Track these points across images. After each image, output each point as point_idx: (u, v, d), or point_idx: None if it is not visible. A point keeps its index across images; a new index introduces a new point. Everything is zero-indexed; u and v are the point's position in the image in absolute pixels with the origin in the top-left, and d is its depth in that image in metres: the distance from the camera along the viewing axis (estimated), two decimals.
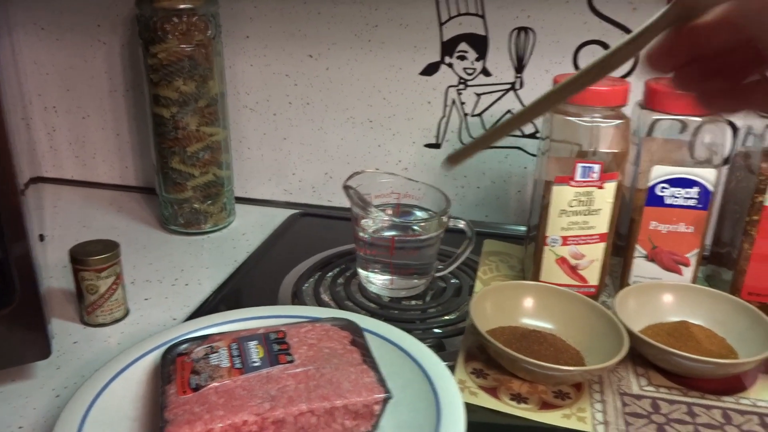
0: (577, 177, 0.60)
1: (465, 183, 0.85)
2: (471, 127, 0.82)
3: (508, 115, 0.37)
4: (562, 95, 0.35)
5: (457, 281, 0.70)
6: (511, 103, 0.80)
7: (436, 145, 0.84)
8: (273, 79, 0.85)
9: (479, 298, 0.57)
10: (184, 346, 0.49)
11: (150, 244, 0.79)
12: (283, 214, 0.87)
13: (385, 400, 0.44)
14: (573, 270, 0.64)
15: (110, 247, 0.60)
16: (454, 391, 0.46)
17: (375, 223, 0.63)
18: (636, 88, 0.62)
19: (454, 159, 0.42)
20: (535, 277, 0.65)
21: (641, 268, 0.64)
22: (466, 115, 0.82)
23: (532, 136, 0.80)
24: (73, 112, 0.94)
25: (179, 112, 0.75)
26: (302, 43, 0.83)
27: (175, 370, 0.46)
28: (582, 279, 0.64)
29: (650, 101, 0.62)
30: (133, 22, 0.86)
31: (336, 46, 0.82)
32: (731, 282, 0.64)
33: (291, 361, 0.46)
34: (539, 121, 0.73)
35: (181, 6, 0.72)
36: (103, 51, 0.89)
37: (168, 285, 0.69)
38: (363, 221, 0.63)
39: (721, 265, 0.67)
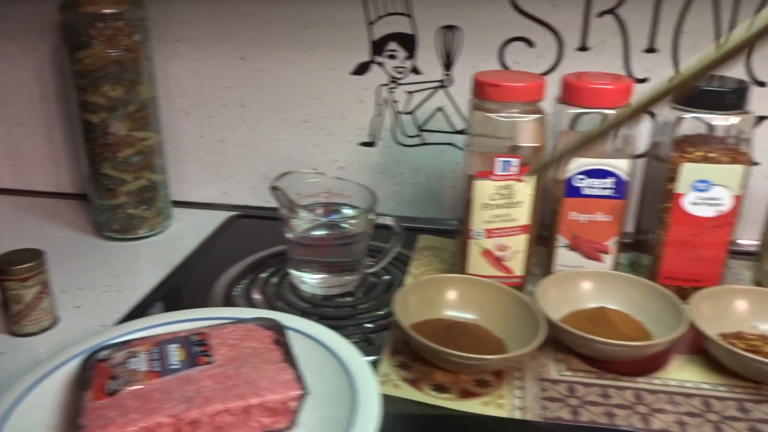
0: (497, 171, 0.61)
1: (401, 180, 0.86)
2: (404, 125, 0.83)
3: (586, 131, 0.34)
4: (682, 87, 0.32)
5: (389, 277, 0.71)
6: (441, 101, 0.81)
7: (371, 144, 0.85)
8: (206, 82, 0.85)
9: (403, 294, 0.58)
10: (105, 352, 0.49)
11: (83, 251, 0.78)
12: (221, 217, 0.87)
13: (302, 397, 0.45)
14: (498, 261, 0.65)
15: (35, 255, 0.60)
16: (372, 385, 0.47)
17: (303, 223, 0.64)
18: (554, 83, 0.64)
19: (538, 170, 0.42)
20: (462, 269, 0.66)
21: (564, 257, 0.66)
22: (398, 113, 0.83)
23: (463, 132, 0.82)
24: (6, 120, 0.92)
25: (109, 117, 0.75)
26: (234, 45, 0.83)
27: (93, 376, 0.46)
28: (507, 270, 0.66)
29: (566, 96, 0.64)
30: (60, 28, 0.85)
31: (268, 48, 0.82)
32: (649, 267, 0.67)
33: (210, 362, 0.47)
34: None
35: (106, 11, 0.72)
36: (33, 58, 0.88)
37: (100, 292, 0.69)
38: (291, 222, 0.64)
39: (642, 252, 0.70)
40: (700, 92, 0.61)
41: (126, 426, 0.41)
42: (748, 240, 0.78)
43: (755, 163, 0.77)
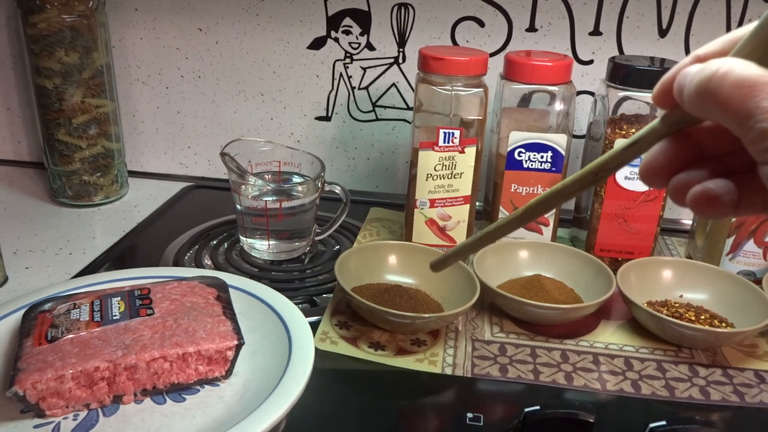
0: (440, 142, 0.64)
1: (355, 155, 0.88)
2: (359, 100, 0.85)
3: (490, 227, 0.36)
4: (549, 205, 0.33)
5: (338, 246, 0.73)
6: (395, 77, 0.83)
7: (327, 118, 0.87)
8: (164, 53, 0.86)
9: (345, 258, 0.60)
10: (49, 304, 0.50)
11: (37, 216, 0.79)
12: (178, 187, 0.88)
13: (238, 347, 0.47)
14: (441, 231, 0.68)
15: None
16: (307, 339, 0.49)
17: (252, 190, 0.66)
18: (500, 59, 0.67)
19: (437, 266, 0.44)
20: (408, 238, 0.68)
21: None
22: (353, 88, 0.85)
23: None
24: None
25: (63, 83, 0.75)
26: (191, 16, 0.84)
27: (35, 325, 0.47)
28: (450, 239, 0.68)
29: (510, 72, 0.66)
30: None
31: (225, 20, 0.83)
32: (586, 240, 0.70)
33: (150, 314, 0.48)
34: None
35: None
36: None
37: (51, 254, 0.70)
38: (241, 188, 0.66)
39: (581, 227, 0.73)
40: (634, 72, 0.63)
41: (63, 369, 0.42)
42: (688, 220, 0.82)
43: None
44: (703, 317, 0.59)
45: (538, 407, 0.44)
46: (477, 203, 0.73)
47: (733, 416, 0.50)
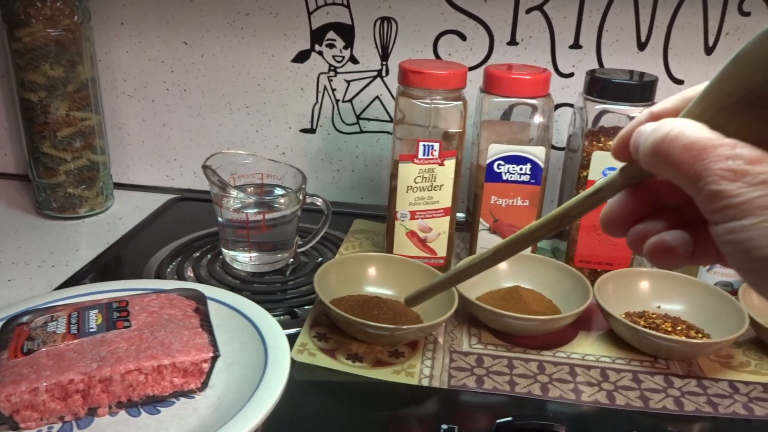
0: (420, 155, 0.64)
1: (340, 167, 0.89)
2: (343, 112, 0.86)
3: (461, 265, 0.39)
4: (517, 247, 0.35)
5: (320, 258, 0.73)
6: (378, 90, 0.84)
7: (311, 130, 0.87)
8: (149, 66, 0.87)
9: (324, 270, 0.60)
10: (27, 317, 0.50)
11: (22, 228, 0.79)
12: (163, 199, 0.89)
13: (213, 359, 0.47)
14: (422, 243, 0.68)
15: None
16: (284, 351, 0.50)
17: (233, 203, 0.66)
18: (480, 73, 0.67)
19: (411, 302, 0.46)
20: (389, 250, 0.69)
21: (486, 239, 0.70)
22: (337, 101, 0.85)
23: None
24: None
25: (48, 96, 0.76)
26: (177, 30, 0.84)
27: (12, 337, 0.47)
28: (431, 251, 0.69)
29: (489, 85, 0.67)
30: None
31: (210, 34, 0.84)
32: (566, 252, 0.70)
33: (127, 327, 0.48)
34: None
35: None
36: None
37: (34, 267, 0.70)
38: (222, 200, 0.66)
39: (562, 239, 0.73)
40: (611, 85, 0.64)
41: (38, 381, 0.42)
42: None
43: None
44: (679, 328, 0.60)
45: (510, 418, 0.45)
46: (461, 214, 0.73)
47: (706, 427, 0.51)
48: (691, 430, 0.50)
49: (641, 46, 0.78)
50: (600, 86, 0.65)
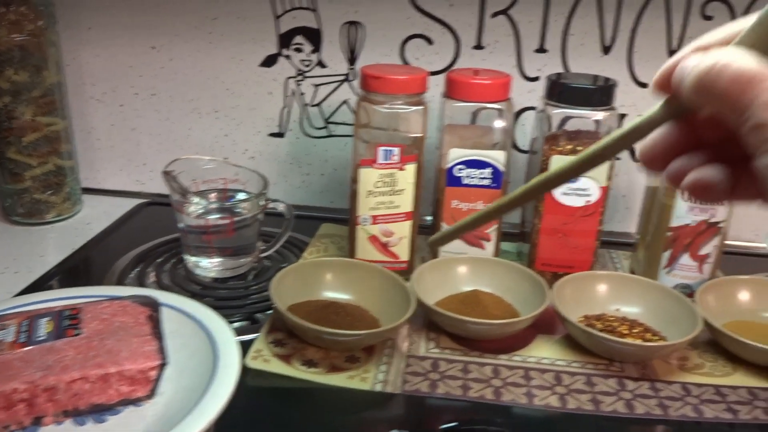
0: (380, 160, 0.65)
1: (310, 171, 0.89)
2: (311, 116, 0.86)
3: (488, 205, 0.37)
4: (553, 184, 0.34)
5: (285, 263, 0.73)
6: (346, 94, 0.84)
7: (280, 135, 0.87)
8: (118, 70, 0.87)
9: (282, 276, 0.60)
10: None
11: None
12: (133, 204, 0.89)
13: (161, 367, 0.47)
14: (384, 247, 0.68)
15: None
16: (233, 357, 0.50)
17: (194, 209, 0.66)
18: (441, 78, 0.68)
19: (435, 243, 0.43)
20: (351, 255, 0.69)
21: (448, 244, 0.70)
22: (306, 105, 0.85)
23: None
24: None
25: (12, 101, 0.76)
26: (145, 34, 0.84)
27: None
28: (393, 255, 0.69)
29: (450, 91, 0.67)
30: None
31: (178, 38, 0.84)
32: (528, 255, 0.71)
33: (77, 335, 0.48)
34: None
35: None
36: None
37: None
38: (183, 207, 0.66)
39: (524, 241, 0.73)
40: (569, 89, 0.65)
41: None
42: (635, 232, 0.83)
43: (617, 158, 0.82)
44: (636, 330, 0.60)
45: (455, 423, 0.45)
46: (429, 218, 0.74)
47: (655, 430, 0.51)
48: None
49: (606, 49, 0.78)
50: (559, 91, 0.65)
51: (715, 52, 0.26)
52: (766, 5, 0.26)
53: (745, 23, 0.27)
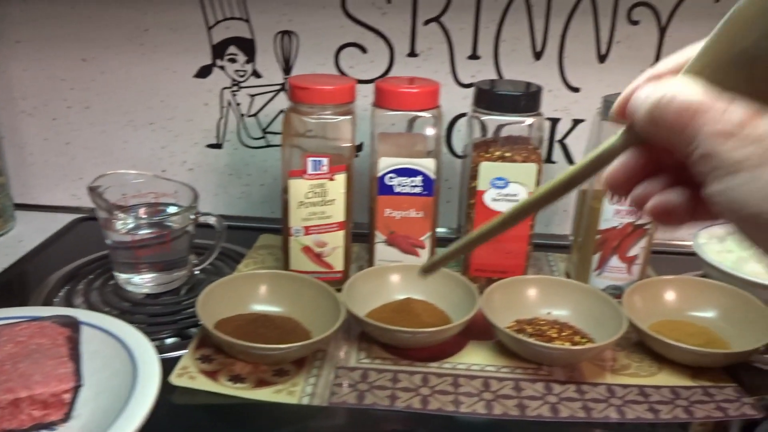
0: (309, 170, 0.64)
1: (249, 181, 0.88)
2: (249, 127, 0.85)
3: (476, 231, 0.38)
4: (526, 213, 0.35)
5: (220, 276, 0.72)
6: (283, 103, 0.84)
7: (218, 146, 0.87)
8: (49, 84, 0.85)
9: (209, 291, 0.60)
10: None
11: None
12: (68, 219, 0.87)
13: (76, 389, 0.46)
14: (318, 258, 0.68)
15: None
16: (153, 377, 0.49)
17: (122, 225, 0.65)
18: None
19: (427, 270, 0.44)
20: (286, 266, 0.69)
21: (383, 252, 0.70)
22: (242, 115, 0.85)
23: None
24: None
25: None
26: (75, 46, 0.83)
27: None
28: (328, 266, 0.69)
29: (379, 100, 0.67)
30: None
31: (110, 50, 0.83)
32: (462, 261, 0.71)
33: None
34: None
35: None
36: None
37: None
38: (110, 223, 0.65)
39: None
40: (495, 96, 0.65)
41: None
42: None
43: (552, 162, 0.83)
44: (565, 334, 0.61)
45: None
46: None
47: None
48: None
49: (537, 55, 0.79)
50: (485, 98, 0.66)
51: (664, 83, 0.27)
52: (713, 31, 0.26)
53: (695, 48, 0.27)
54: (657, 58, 0.78)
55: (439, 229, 0.76)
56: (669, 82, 0.27)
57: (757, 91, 0.25)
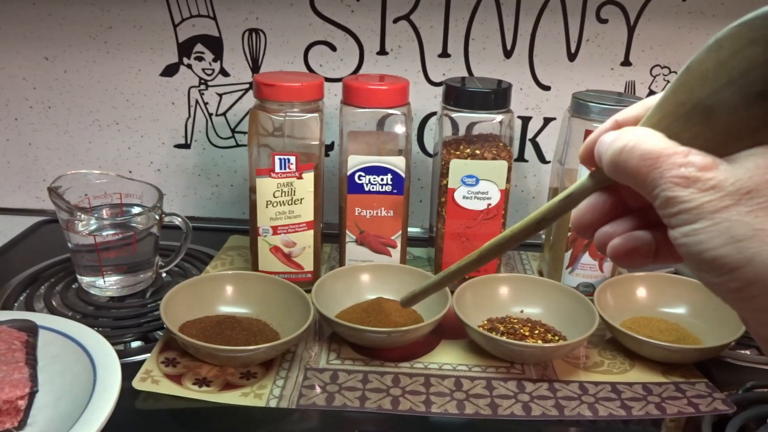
0: (277, 169, 0.63)
1: (219, 182, 0.87)
2: (217, 126, 0.84)
3: (451, 268, 0.40)
4: (500, 250, 0.36)
5: (187, 278, 0.71)
6: (252, 102, 0.82)
7: (186, 146, 0.85)
8: (9, 83, 0.83)
9: (173, 293, 0.58)
10: None
11: None
12: (31, 222, 0.85)
13: (31, 395, 0.44)
14: (288, 258, 0.67)
15: None
16: (113, 382, 0.47)
17: (83, 227, 0.63)
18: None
19: (406, 304, 0.46)
20: (254, 267, 0.67)
21: (354, 252, 0.69)
22: (210, 114, 0.83)
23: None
24: None
25: None
26: (37, 45, 0.81)
27: None
28: (298, 266, 0.67)
29: (348, 97, 0.66)
30: None
31: (72, 48, 0.81)
32: (434, 259, 0.70)
33: None
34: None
35: None
36: None
37: None
38: (72, 224, 0.63)
39: (432, 246, 0.73)
40: (464, 93, 0.65)
41: None
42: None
43: (525, 160, 0.83)
44: (537, 332, 0.60)
45: None
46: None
47: (550, 431, 0.51)
48: None
49: (507, 53, 0.79)
50: (454, 95, 0.65)
51: (625, 132, 0.28)
52: (667, 85, 0.27)
53: (654, 100, 0.28)
54: (626, 56, 0.79)
55: (411, 229, 0.76)
56: (631, 130, 0.28)
57: (712, 143, 0.26)
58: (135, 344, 0.59)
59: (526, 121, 0.82)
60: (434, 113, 0.81)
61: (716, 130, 0.26)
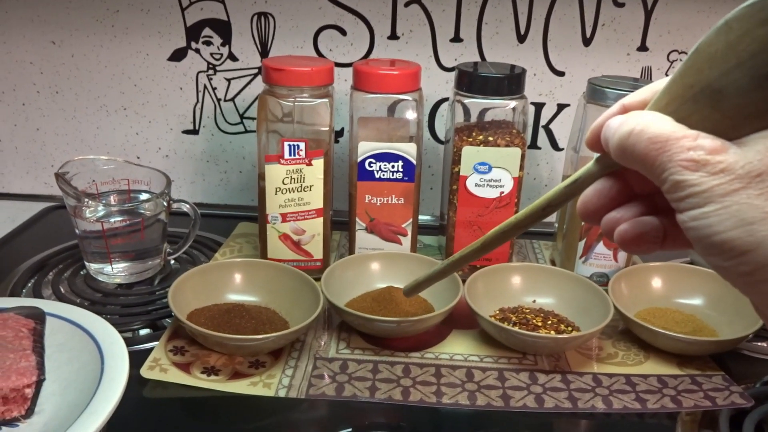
0: (286, 155, 0.62)
1: (227, 168, 0.86)
2: (225, 112, 0.83)
3: (454, 256, 0.39)
4: (505, 237, 0.35)
5: (195, 265, 0.70)
6: (261, 87, 0.81)
7: (194, 131, 0.84)
8: (16, 68, 0.82)
9: (180, 281, 0.58)
10: None
11: None
12: (40, 208, 0.84)
13: (38, 383, 0.44)
14: (297, 245, 0.66)
15: None
16: (121, 370, 0.46)
17: (90, 213, 0.63)
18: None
19: (409, 293, 0.46)
20: (263, 255, 0.67)
21: (364, 240, 0.68)
22: (219, 100, 0.82)
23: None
24: None
25: None
26: (43, 29, 0.80)
27: None
28: (307, 254, 0.66)
29: (358, 82, 0.65)
30: None
31: (79, 32, 0.80)
32: (445, 248, 0.69)
33: None
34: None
35: None
36: None
37: None
38: (79, 211, 0.62)
39: (443, 235, 0.72)
40: (477, 79, 0.63)
41: None
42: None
43: (537, 147, 0.82)
44: (550, 322, 0.59)
45: (349, 429, 0.43)
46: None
47: (565, 423, 0.50)
48: (550, 427, 0.50)
49: (521, 38, 0.77)
50: (467, 80, 0.64)
51: (633, 116, 0.27)
52: (678, 67, 0.26)
53: (662, 83, 0.28)
54: (643, 41, 0.77)
55: (422, 217, 0.75)
56: (639, 114, 0.28)
57: (721, 126, 0.25)
58: (143, 332, 0.59)
59: (539, 107, 0.80)
60: (446, 99, 0.80)
61: (725, 113, 0.25)
